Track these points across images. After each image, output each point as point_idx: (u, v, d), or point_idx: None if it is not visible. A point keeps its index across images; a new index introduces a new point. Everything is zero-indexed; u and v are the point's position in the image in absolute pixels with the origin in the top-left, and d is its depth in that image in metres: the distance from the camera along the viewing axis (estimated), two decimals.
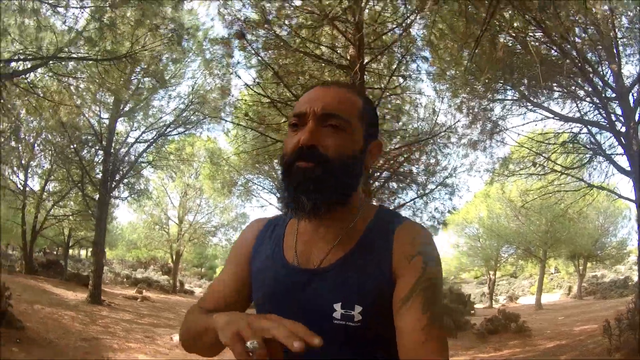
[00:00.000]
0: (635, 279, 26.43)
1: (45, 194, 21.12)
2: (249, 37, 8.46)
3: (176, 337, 11.90)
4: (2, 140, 12.11)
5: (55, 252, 32.04)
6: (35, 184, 21.86)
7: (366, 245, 1.22)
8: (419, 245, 1.18)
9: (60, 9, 9.32)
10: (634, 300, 9.95)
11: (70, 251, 27.40)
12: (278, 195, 20.36)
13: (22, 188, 19.71)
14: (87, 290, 16.23)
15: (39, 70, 9.91)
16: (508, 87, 12.05)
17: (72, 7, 9.26)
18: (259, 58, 8.76)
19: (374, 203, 1.37)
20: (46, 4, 9.11)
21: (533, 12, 7.39)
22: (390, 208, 12.07)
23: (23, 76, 9.48)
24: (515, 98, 12.48)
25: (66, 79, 10.30)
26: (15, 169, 18.99)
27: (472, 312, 21.21)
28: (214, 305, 1.36)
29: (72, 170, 16.96)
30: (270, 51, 8.91)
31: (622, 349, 8.14)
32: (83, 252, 39.38)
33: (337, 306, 1.15)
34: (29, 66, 9.60)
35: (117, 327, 12.40)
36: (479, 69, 9.47)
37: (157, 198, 27.35)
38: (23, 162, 18.86)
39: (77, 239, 24.96)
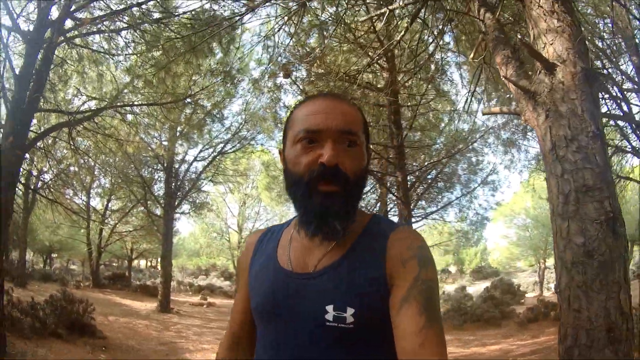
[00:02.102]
0: None
1: (108, 212, 22.81)
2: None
3: None
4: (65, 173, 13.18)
5: (115, 265, 34.07)
6: (97, 203, 23.45)
7: (359, 250, 1.23)
8: (414, 250, 1.19)
9: (120, 57, 10.55)
10: None
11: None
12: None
13: (84, 208, 20.84)
14: (153, 299, 17.78)
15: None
16: None
17: (128, 54, 10.39)
18: (303, 90, 9.72)
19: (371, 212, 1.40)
20: (106, 55, 10.38)
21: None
22: (437, 207, 13.05)
23: (91, 120, 10.67)
24: None
25: (131, 117, 11.64)
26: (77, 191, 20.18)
27: (522, 301, 21.66)
28: (238, 325, 1.44)
29: (134, 189, 18.17)
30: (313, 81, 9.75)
31: None
32: (142, 263, 41.50)
33: (330, 308, 1.17)
34: (93, 109, 10.93)
35: (189, 332, 13.74)
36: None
37: (217, 209, 28.79)
38: (85, 184, 19.80)
39: (140, 251, 26.62)
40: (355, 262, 1.21)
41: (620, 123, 12.80)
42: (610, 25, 12.87)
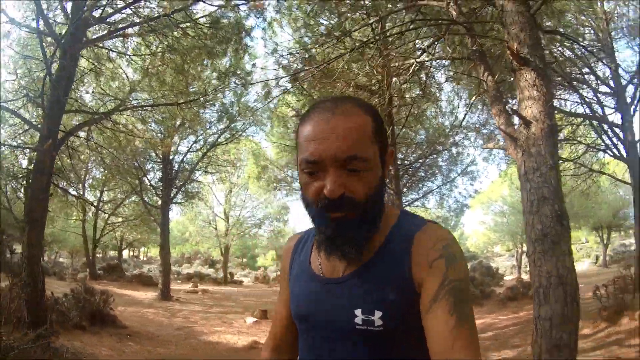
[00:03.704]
0: None
1: (101, 203, 23.04)
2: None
3: (249, 320, 13.92)
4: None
5: (99, 256, 33.90)
6: (89, 195, 23.44)
7: (386, 253, 1.23)
8: (439, 249, 1.17)
9: (136, 58, 11.04)
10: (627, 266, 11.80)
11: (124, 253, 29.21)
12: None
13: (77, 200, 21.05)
14: (150, 288, 18.27)
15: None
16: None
17: (143, 55, 10.88)
18: (305, 91, 10.38)
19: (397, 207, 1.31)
20: (121, 54, 10.87)
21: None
22: (419, 196, 14.04)
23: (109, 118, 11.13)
24: None
25: (142, 114, 12.15)
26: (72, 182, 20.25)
27: (501, 283, 22.66)
28: (281, 328, 1.48)
29: (131, 180, 18.60)
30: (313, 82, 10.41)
31: (608, 309, 9.92)
32: (125, 253, 41.62)
33: (358, 312, 1.18)
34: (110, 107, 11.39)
35: (196, 317, 14.37)
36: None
37: (204, 197, 29.27)
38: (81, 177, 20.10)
39: (129, 242, 26.82)
40: (381, 266, 1.21)
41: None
42: (591, 33, 13.96)
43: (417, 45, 9.38)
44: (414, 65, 7.97)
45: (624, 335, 8.91)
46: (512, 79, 6.05)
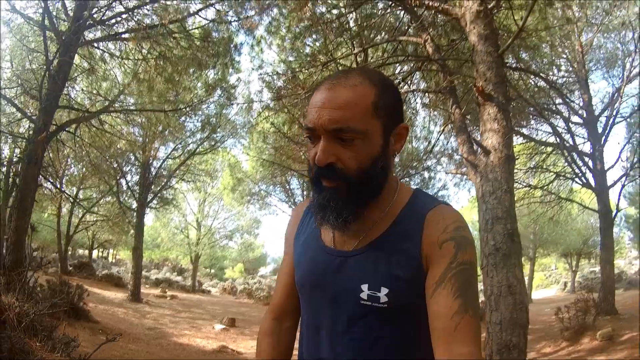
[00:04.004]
0: (630, 273, 29.69)
1: (77, 200, 22.97)
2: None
3: (217, 326, 14.18)
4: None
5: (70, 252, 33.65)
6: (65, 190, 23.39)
7: (397, 230, 1.22)
8: (451, 231, 1.16)
9: (128, 61, 11.39)
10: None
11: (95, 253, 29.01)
12: (291, 204, 23.20)
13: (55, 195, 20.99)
14: (120, 289, 18.35)
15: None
16: None
17: (135, 59, 11.20)
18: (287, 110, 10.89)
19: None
20: (114, 56, 11.23)
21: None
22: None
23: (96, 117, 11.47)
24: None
25: (128, 117, 12.51)
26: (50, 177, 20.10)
27: None
28: (284, 297, 1.47)
29: (107, 179, 18.53)
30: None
31: (570, 329, 10.59)
32: (94, 253, 41.22)
33: (364, 287, 1.18)
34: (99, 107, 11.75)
35: (165, 320, 14.56)
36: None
37: (178, 204, 29.40)
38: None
39: (100, 242, 26.75)
40: (392, 242, 1.21)
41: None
42: (567, 64, 14.76)
43: (397, 74, 9.98)
44: None
45: (584, 353, 9.72)
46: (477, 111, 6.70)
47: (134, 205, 19.46)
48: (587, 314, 11.58)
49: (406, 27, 8.82)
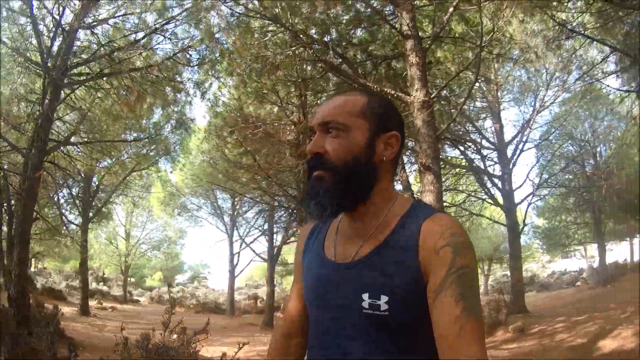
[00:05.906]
0: (542, 276, 33.25)
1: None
2: None
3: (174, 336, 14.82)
4: None
5: None
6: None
7: (394, 240, 1.24)
8: (447, 237, 1.17)
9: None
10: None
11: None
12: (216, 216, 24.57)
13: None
14: (62, 302, 18.34)
15: None
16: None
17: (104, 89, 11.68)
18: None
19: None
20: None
21: None
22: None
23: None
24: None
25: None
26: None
27: None
28: (294, 313, 1.52)
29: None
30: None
31: (485, 325, 12.81)
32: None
33: (365, 296, 1.20)
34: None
35: (125, 333, 14.77)
36: None
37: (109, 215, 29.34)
38: None
39: (33, 253, 26.18)
40: (390, 252, 1.23)
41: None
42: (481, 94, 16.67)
43: None
44: None
45: (498, 342, 12.15)
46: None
47: (78, 220, 19.60)
48: (499, 312, 13.86)
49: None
